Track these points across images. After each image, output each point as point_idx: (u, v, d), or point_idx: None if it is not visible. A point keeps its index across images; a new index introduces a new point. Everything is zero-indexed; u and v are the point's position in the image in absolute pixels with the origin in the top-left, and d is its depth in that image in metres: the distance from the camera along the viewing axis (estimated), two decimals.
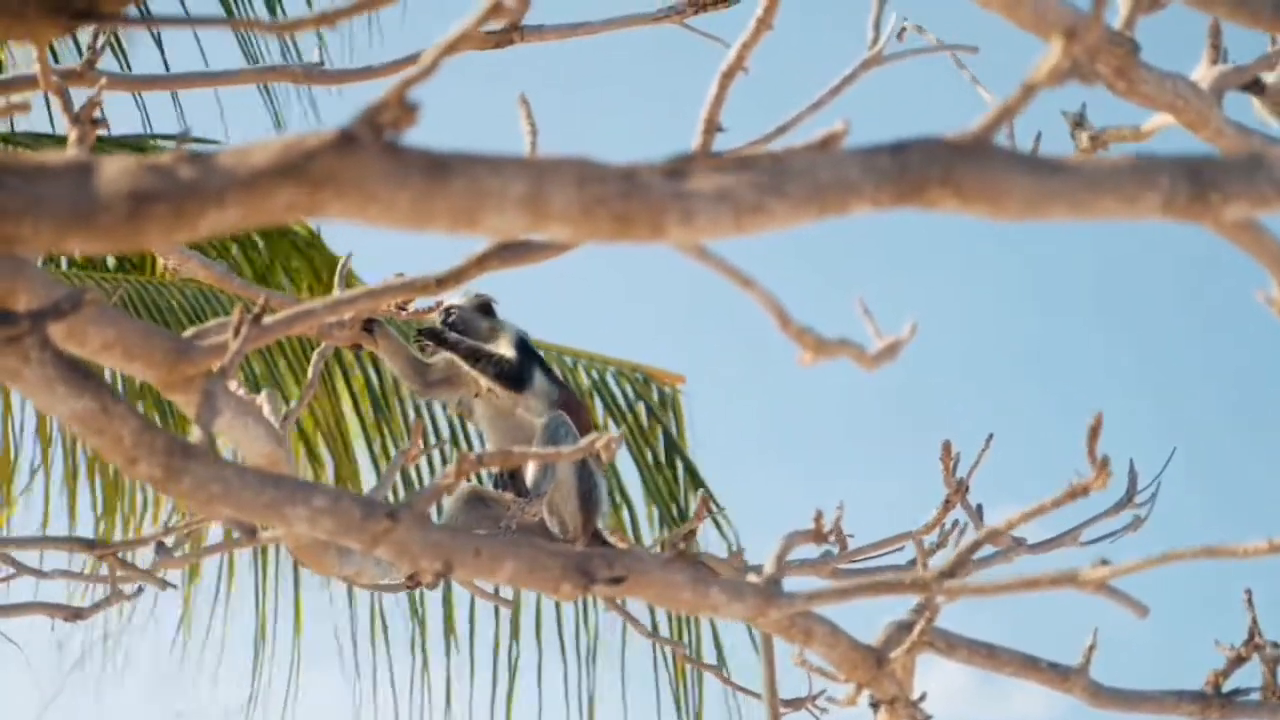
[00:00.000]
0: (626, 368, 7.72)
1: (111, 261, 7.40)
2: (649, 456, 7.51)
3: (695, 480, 7.51)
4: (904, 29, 3.07)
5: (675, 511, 7.43)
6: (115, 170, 1.34)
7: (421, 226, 1.43)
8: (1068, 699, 2.74)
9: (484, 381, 4.52)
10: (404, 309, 3.32)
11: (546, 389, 4.63)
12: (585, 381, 7.61)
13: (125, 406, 1.83)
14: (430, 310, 3.57)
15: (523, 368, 4.58)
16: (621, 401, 7.59)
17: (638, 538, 7.23)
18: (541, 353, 4.87)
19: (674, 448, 7.54)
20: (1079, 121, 3.18)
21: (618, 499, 7.35)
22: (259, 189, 1.36)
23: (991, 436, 3.63)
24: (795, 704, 3.61)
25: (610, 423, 7.47)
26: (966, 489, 3.65)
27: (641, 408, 7.60)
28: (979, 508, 3.64)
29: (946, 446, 3.64)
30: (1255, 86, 3.08)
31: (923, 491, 3.71)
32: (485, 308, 4.77)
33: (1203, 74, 2.89)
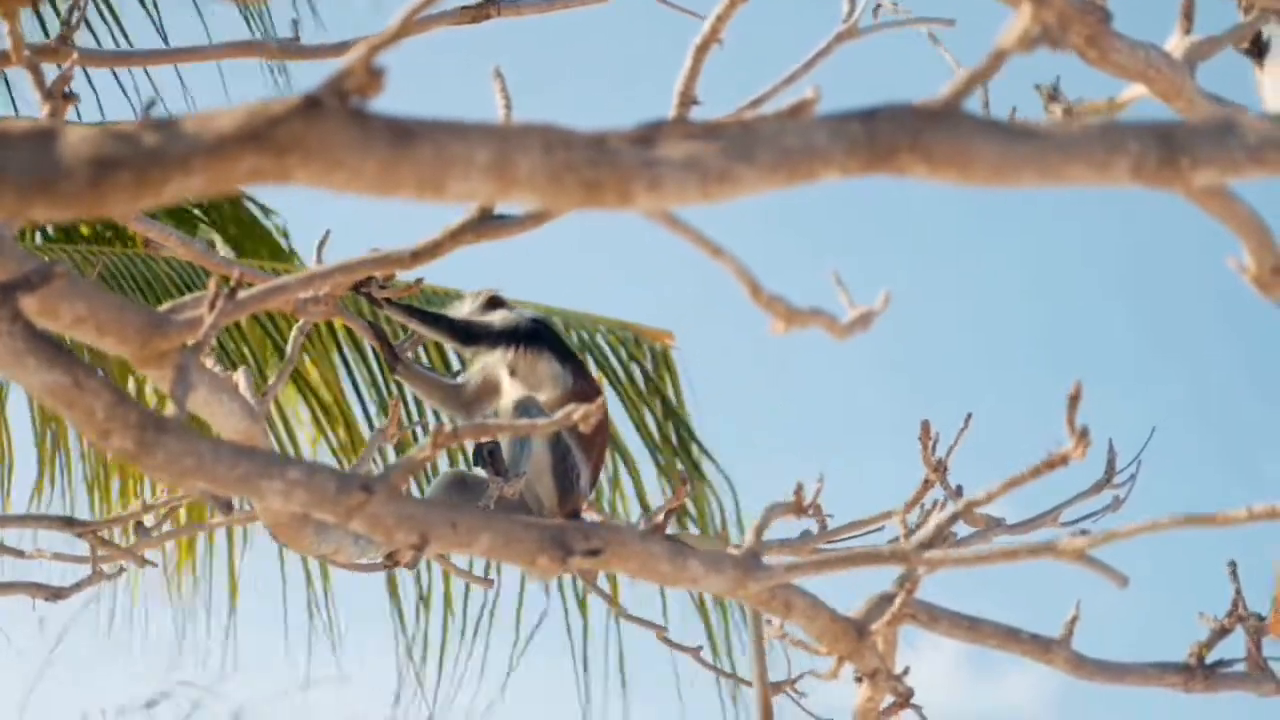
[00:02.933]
0: (615, 326, 7.66)
1: (86, 231, 7.40)
2: (649, 421, 7.45)
3: (694, 446, 7.44)
4: (879, 4, 3.06)
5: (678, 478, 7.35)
6: (77, 137, 1.34)
7: (388, 193, 1.42)
8: (1056, 684, 2.75)
9: (435, 338, 4.58)
10: (385, 285, 3.31)
11: (557, 372, 4.64)
12: (574, 340, 7.56)
13: (98, 380, 1.82)
14: (412, 286, 3.57)
15: (477, 328, 4.62)
16: (616, 364, 7.53)
17: (645, 508, 7.19)
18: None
19: (671, 412, 7.48)
20: (1053, 94, 3.18)
21: (621, 470, 7.31)
22: (224, 155, 1.36)
23: (970, 416, 3.63)
24: (775, 687, 3.60)
25: (607, 387, 7.41)
26: (946, 469, 3.64)
27: (636, 369, 7.53)
28: (959, 488, 3.64)
29: (925, 426, 3.63)
30: (1255, 49, 3.07)
31: (917, 473, 3.70)
32: (490, 303, 4.80)
33: (1175, 44, 2.89)
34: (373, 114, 1.42)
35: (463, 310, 4.79)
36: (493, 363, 4.64)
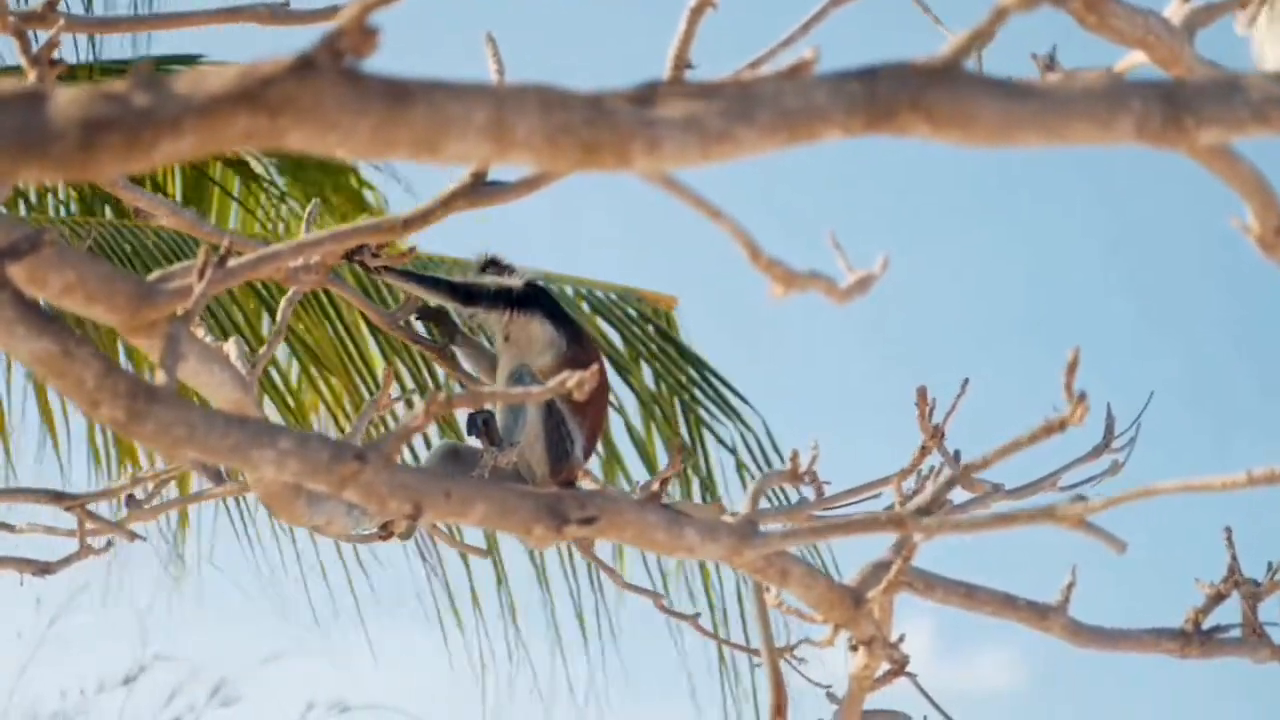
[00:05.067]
0: (619, 291, 7.65)
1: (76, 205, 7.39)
2: (657, 384, 7.44)
3: (707, 405, 7.41)
4: None
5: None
6: (67, 98, 1.31)
7: (383, 154, 1.40)
8: (1026, 667, 2.74)
9: (434, 300, 4.58)
10: (378, 253, 3.29)
11: (551, 336, 4.61)
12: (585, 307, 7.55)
13: (88, 349, 1.80)
14: (407, 253, 3.55)
15: (475, 288, 4.62)
16: (620, 329, 7.52)
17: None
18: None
19: (677, 376, 7.47)
20: (1050, 64, 3.15)
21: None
22: (216, 116, 1.33)
23: (967, 381, 3.61)
24: (778, 653, 3.59)
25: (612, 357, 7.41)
26: (942, 435, 3.63)
27: (640, 333, 7.52)
28: (956, 454, 3.62)
29: (922, 392, 3.61)
30: None
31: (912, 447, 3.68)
32: (489, 266, 4.79)
33: (1174, 11, 2.87)
34: (367, 74, 1.39)
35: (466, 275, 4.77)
36: (489, 326, 4.63)
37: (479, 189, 2.17)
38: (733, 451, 7.24)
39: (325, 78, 1.37)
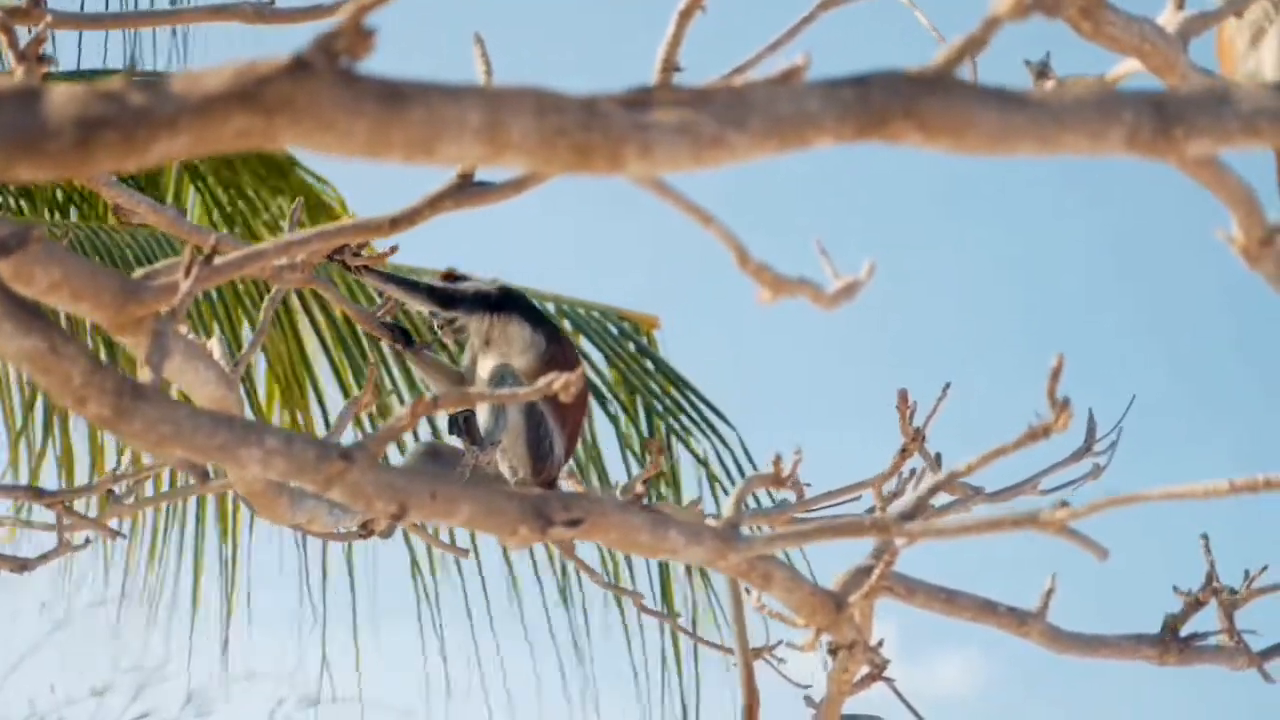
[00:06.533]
0: (598, 310, 7.67)
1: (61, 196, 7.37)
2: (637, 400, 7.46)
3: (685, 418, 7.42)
4: None
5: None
6: (63, 96, 1.31)
7: (378, 155, 1.40)
8: (990, 671, 2.75)
9: (417, 305, 4.61)
10: (359, 254, 3.28)
11: (529, 338, 4.63)
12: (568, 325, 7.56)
13: (75, 345, 1.79)
14: (388, 253, 3.55)
15: (454, 293, 4.65)
16: (603, 346, 7.54)
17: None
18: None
19: (655, 393, 7.49)
20: (1042, 71, 3.16)
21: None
22: (212, 115, 1.33)
23: (949, 385, 3.61)
24: (754, 653, 3.59)
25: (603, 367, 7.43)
26: (923, 438, 3.63)
27: (622, 351, 7.54)
28: (938, 456, 3.62)
29: (903, 395, 3.62)
30: None
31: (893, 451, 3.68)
32: (450, 279, 4.81)
33: (1168, 19, 2.88)
34: (362, 75, 1.39)
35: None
36: (469, 330, 4.65)
37: (466, 189, 2.16)
38: (704, 464, 7.26)
39: (321, 78, 1.37)
